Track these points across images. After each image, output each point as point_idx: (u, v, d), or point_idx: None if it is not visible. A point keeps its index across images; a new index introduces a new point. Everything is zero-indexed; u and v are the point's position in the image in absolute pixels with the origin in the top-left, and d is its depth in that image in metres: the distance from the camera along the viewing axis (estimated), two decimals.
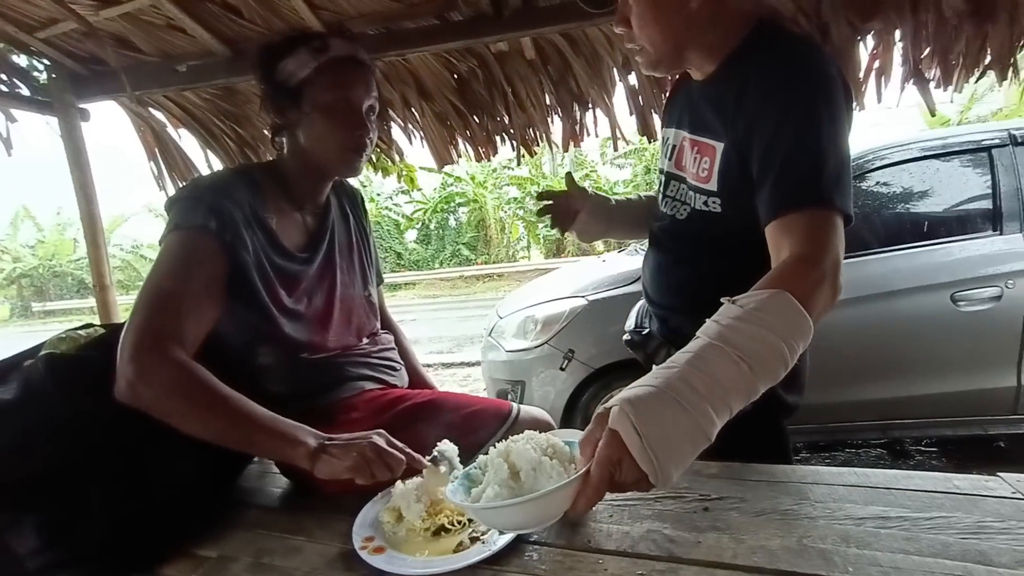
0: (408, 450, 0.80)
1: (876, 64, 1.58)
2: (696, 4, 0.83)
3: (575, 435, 0.67)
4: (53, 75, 2.05)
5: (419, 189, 14.19)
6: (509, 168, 15.48)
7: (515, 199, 16.03)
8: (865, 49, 1.57)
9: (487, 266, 15.45)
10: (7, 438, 0.67)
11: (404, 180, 2.34)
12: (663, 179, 1.03)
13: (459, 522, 0.76)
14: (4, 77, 1.97)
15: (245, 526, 0.84)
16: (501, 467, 0.64)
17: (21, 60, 2.04)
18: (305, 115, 0.93)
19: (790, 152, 0.76)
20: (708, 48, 0.87)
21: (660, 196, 1.04)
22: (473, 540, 0.72)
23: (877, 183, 2.36)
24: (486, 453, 0.90)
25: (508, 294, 3.29)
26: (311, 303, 0.98)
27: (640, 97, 1.81)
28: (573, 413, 2.43)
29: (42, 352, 0.81)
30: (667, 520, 0.74)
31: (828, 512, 0.72)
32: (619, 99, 1.89)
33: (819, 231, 0.72)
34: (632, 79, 1.80)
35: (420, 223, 16.75)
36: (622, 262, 2.92)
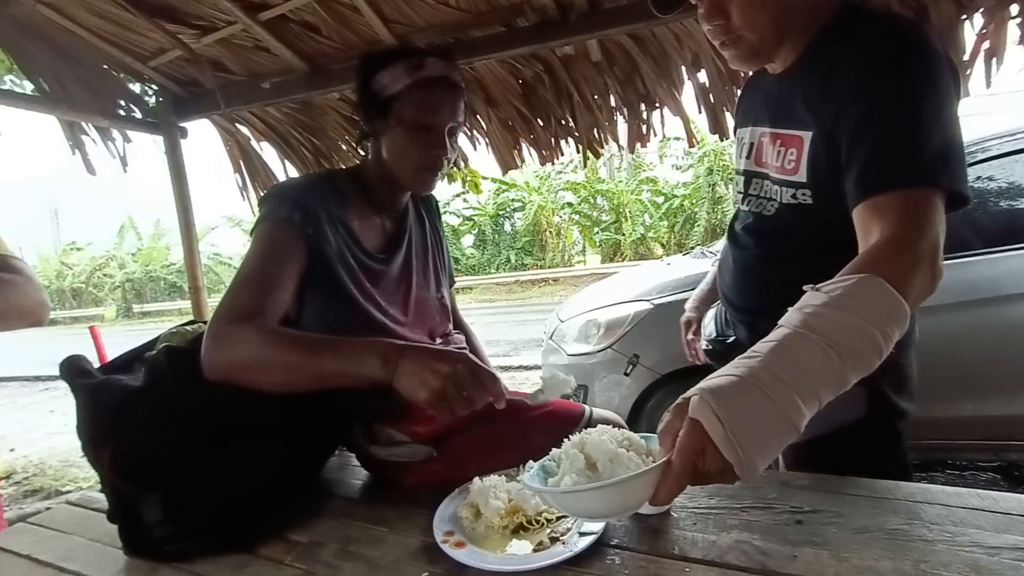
0: (491, 372, 0.75)
1: (985, 45, 1.44)
2: None
3: (649, 435, 0.65)
4: (160, 98, 2.27)
5: (481, 193, 14.43)
6: (563, 173, 15.42)
7: (569, 204, 15.93)
8: (972, 29, 1.43)
9: (543, 271, 15.45)
10: (138, 421, 0.75)
11: (469, 186, 2.38)
12: (743, 179, 1.00)
13: (537, 521, 0.76)
14: (122, 103, 2.22)
15: (331, 514, 0.88)
16: (577, 458, 0.64)
17: (135, 87, 2.27)
18: (390, 128, 0.97)
19: (884, 129, 0.71)
20: (800, 34, 0.84)
21: (741, 197, 1.00)
22: (553, 540, 0.72)
23: (981, 177, 2.14)
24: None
25: (566, 298, 3.26)
26: (390, 303, 1.02)
27: (711, 94, 1.75)
28: (638, 420, 2.37)
29: (160, 345, 0.90)
30: (756, 531, 0.70)
31: (948, 536, 0.65)
32: (687, 98, 1.84)
33: (915, 212, 0.67)
34: (702, 76, 1.75)
35: (476, 228, 17.01)
36: (687, 265, 2.83)
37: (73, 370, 0.80)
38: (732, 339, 1.02)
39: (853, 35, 0.78)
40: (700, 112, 1.82)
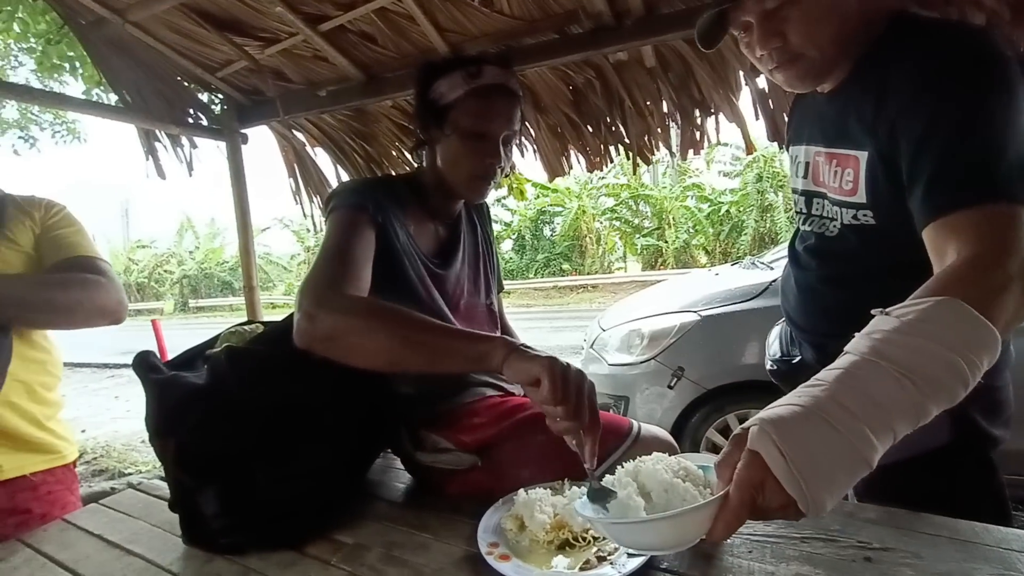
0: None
1: None
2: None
3: (707, 459, 0.62)
4: (225, 106, 2.40)
5: (526, 199, 14.49)
6: (605, 178, 15.26)
7: (611, 209, 15.75)
8: None
9: (582, 277, 15.32)
10: (200, 416, 0.78)
11: (514, 193, 2.39)
12: (803, 199, 0.96)
13: (583, 538, 0.75)
14: (191, 111, 2.36)
15: (375, 517, 0.89)
16: (630, 487, 0.61)
17: (203, 96, 2.42)
18: (445, 136, 0.98)
19: (950, 144, 0.66)
20: (853, 49, 0.79)
21: (803, 217, 0.97)
22: (600, 559, 0.70)
23: None
24: (607, 471, 0.88)
25: (605, 305, 3.21)
26: (441, 308, 1.02)
27: (770, 100, 1.68)
28: (681, 436, 2.30)
29: (220, 344, 0.94)
30: (819, 565, 0.66)
31: None
32: (744, 103, 1.77)
33: (996, 229, 0.61)
34: (761, 82, 1.69)
35: (516, 233, 17.06)
36: (736, 276, 2.73)
37: (144, 365, 0.84)
38: (798, 359, 0.97)
39: (907, 46, 0.73)
40: (757, 119, 1.76)
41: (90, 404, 6.02)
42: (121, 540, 0.86)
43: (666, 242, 14.81)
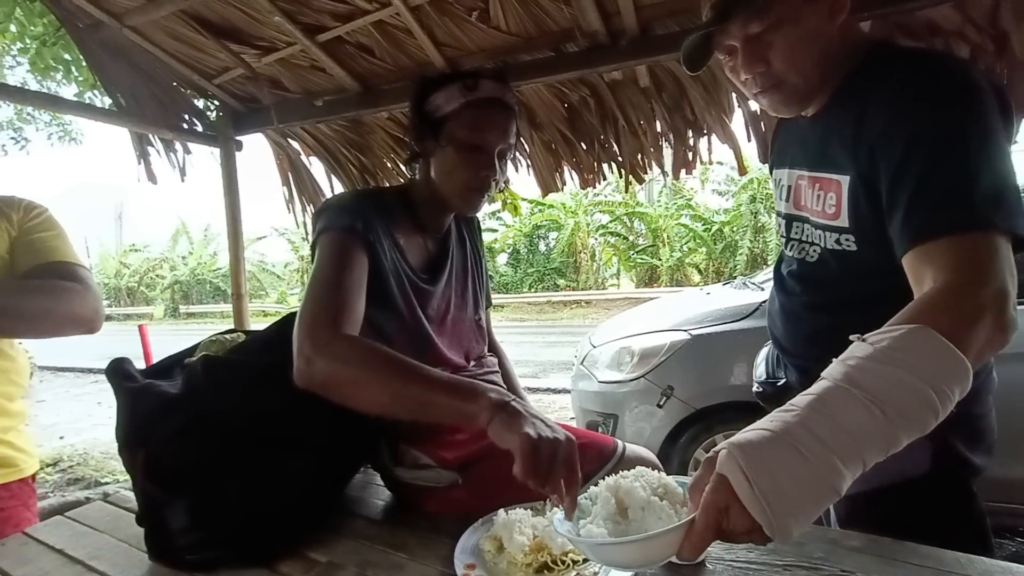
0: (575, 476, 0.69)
1: None
2: (839, 22, 0.78)
3: (687, 479, 0.62)
4: (220, 113, 2.40)
5: (521, 216, 14.54)
6: (600, 194, 15.37)
7: (604, 226, 15.83)
8: None
9: (575, 292, 15.33)
10: (173, 428, 0.76)
11: (508, 208, 2.39)
12: (784, 222, 0.97)
13: (563, 561, 0.73)
14: (186, 117, 2.35)
15: (351, 535, 0.87)
16: (609, 502, 0.62)
17: (199, 102, 2.41)
18: (441, 147, 0.97)
19: (926, 170, 0.67)
20: (833, 74, 0.81)
21: (785, 240, 0.97)
22: None
23: None
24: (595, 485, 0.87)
25: (598, 321, 3.21)
26: (430, 322, 1.01)
27: (762, 123, 1.70)
28: (670, 455, 2.28)
29: (199, 352, 0.92)
30: None
31: None
32: (736, 124, 1.79)
33: (974, 257, 0.62)
34: (753, 104, 1.71)
35: (511, 247, 17.10)
36: (728, 295, 2.74)
37: (118, 373, 0.82)
38: (783, 382, 0.97)
39: (886, 72, 0.75)
40: (750, 140, 1.77)
41: (71, 410, 5.90)
42: (84, 555, 0.83)
43: (660, 260, 14.89)
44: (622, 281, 16.19)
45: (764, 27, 0.76)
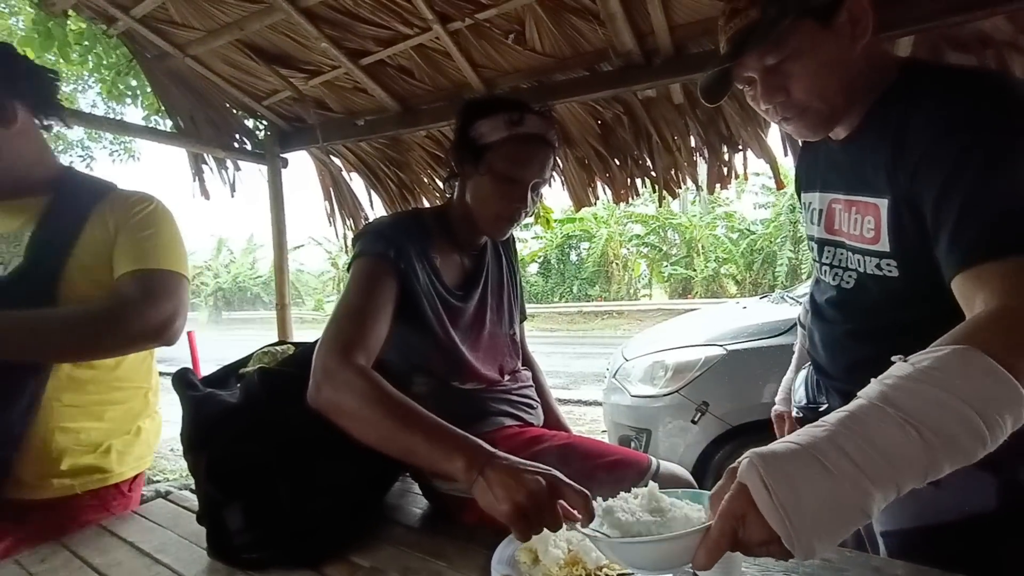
0: (579, 492, 0.69)
1: None
2: (860, 46, 0.76)
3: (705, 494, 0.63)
4: (268, 132, 2.54)
5: (552, 229, 14.57)
6: (633, 204, 15.25)
7: (638, 236, 15.67)
8: None
9: (607, 303, 15.19)
10: (232, 434, 0.82)
11: (540, 222, 2.43)
12: (816, 246, 0.95)
13: (598, 574, 0.74)
14: (237, 136, 2.51)
15: (392, 541, 0.90)
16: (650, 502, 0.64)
17: (249, 123, 2.57)
18: (479, 174, 1.01)
19: (975, 191, 0.65)
20: (864, 95, 0.79)
21: (818, 265, 0.95)
22: None
23: None
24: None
25: (630, 332, 3.18)
26: (464, 338, 1.05)
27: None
28: (705, 473, 2.24)
29: (252, 364, 0.98)
30: None
31: None
32: (772, 138, 1.78)
33: None
34: None
35: (542, 257, 17.11)
36: (765, 310, 2.68)
37: (183, 382, 0.89)
38: (824, 407, 0.94)
39: (925, 92, 0.72)
40: (787, 155, 1.76)
41: None
42: (151, 549, 0.90)
43: (695, 271, 14.61)
44: (654, 292, 15.95)
45: (781, 58, 0.75)
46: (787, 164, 1.79)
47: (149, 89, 2.33)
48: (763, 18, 0.74)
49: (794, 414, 1.00)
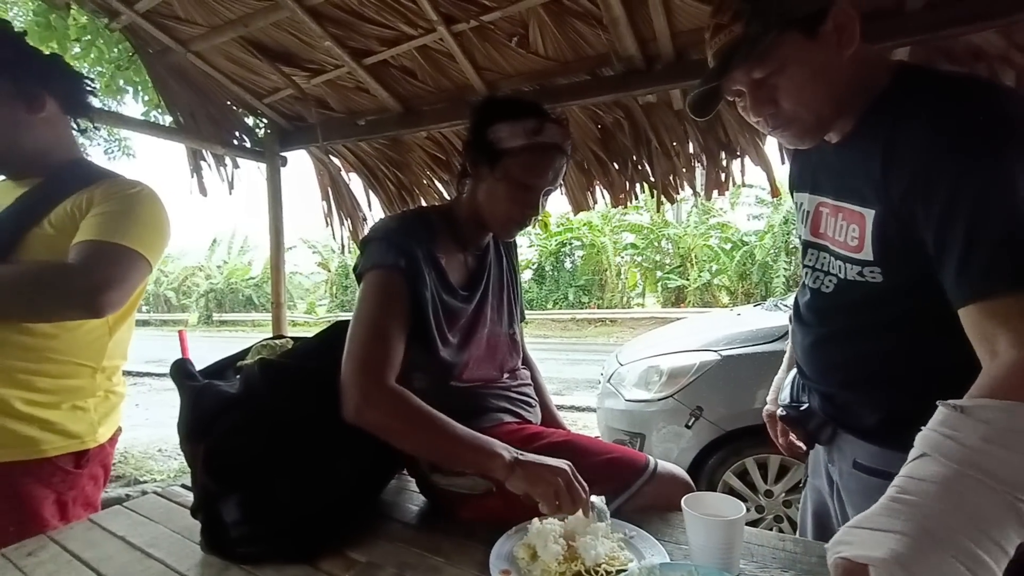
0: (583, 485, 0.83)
1: None
2: (849, 52, 0.75)
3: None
4: (268, 130, 2.53)
5: (550, 232, 14.57)
6: (627, 214, 15.33)
7: (633, 245, 15.75)
8: None
9: (601, 310, 15.22)
10: (230, 425, 0.81)
11: (539, 225, 2.44)
12: (802, 247, 0.95)
13: (596, 572, 0.74)
14: (237, 134, 2.50)
15: (388, 537, 0.90)
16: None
17: (249, 120, 2.56)
18: (494, 177, 1.01)
19: (978, 217, 0.62)
20: (854, 102, 0.78)
21: (802, 266, 0.95)
22: None
23: None
24: (623, 504, 0.91)
25: (623, 340, 3.19)
26: (464, 337, 1.05)
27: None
28: (698, 478, 2.24)
29: (251, 356, 0.97)
30: None
31: None
32: (770, 147, 1.80)
33: None
34: None
35: (536, 264, 17.14)
36: (759, 317, 2.70)
37: (181, 372, 0.88)
38: (806, 406, 0.96)
39: (917, 102, 0.71)
40: (783, 163, 1.78)
41: None
42: (142, 543, 0.88)
43: (688, 280, 14.69)
44: (647, 301, 16.02)
45: (768, 72, 0.75)
46: (783, 172, 1.81)
47: (150, 84, 2.32)
48: (747, 33, 0.73)
49: (779, 412, 1.01)
